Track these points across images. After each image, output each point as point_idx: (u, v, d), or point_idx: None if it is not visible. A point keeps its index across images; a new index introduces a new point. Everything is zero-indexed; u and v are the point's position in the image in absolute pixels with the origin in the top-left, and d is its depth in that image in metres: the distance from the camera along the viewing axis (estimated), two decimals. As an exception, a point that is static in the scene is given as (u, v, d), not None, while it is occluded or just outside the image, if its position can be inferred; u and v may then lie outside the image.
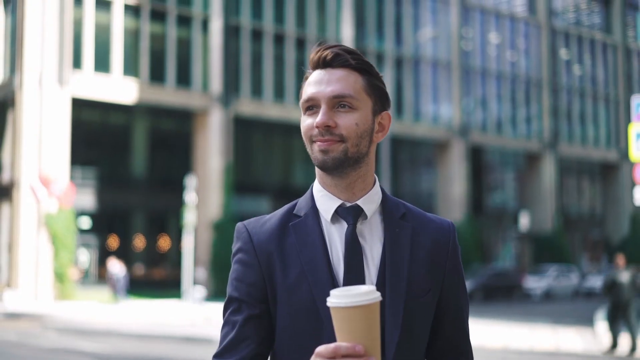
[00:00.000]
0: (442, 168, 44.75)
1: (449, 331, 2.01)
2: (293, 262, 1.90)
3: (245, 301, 1.90)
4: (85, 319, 24.19)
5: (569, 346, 16.33)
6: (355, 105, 1.88)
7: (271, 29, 37.67)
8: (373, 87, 1.93)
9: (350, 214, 1.91)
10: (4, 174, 32.89)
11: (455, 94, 44.71)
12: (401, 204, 2.01)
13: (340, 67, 1.90)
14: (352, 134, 1.87)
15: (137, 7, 34.08)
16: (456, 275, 2.01)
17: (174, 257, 35.81)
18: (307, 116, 1.92)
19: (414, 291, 1.90)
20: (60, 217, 30.55)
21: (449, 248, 1.99)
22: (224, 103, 35.55)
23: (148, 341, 17.99)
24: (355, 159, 1.90)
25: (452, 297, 1.99)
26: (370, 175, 1.97)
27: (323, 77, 1.90)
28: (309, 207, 1.97)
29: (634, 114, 15.48)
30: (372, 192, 1.96)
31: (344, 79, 1.89)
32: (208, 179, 34.96)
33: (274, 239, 1.93)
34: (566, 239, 49.76)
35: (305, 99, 1.91)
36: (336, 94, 1.87)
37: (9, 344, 16.84)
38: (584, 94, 52.86)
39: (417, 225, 1.98)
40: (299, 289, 1.87)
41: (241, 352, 1.87)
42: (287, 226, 1.95)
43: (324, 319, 1.83)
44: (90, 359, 14.57)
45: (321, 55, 1.91)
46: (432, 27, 44.11)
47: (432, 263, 1.95)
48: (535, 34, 50.07)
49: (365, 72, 1.92)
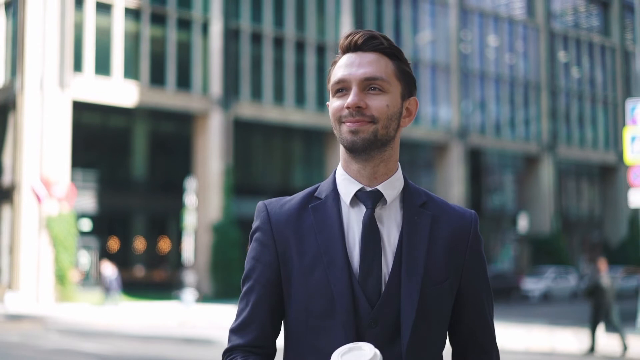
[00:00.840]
0: (441, 170, 44.93)
1: (470, 325, 2.00)
2: (310, 244, 1.92)
3: (259, 281, 1.94)
4: (86, 320, 24.35)
5: (564, 347, 16.51)
6: (385, 88, 1.90)
7: (271, 32, 37.87)
8: (402, 72, 1.96)
9: (369, 198, 1.92)
10: (5, 177, 33.04)
11: (454, 97, 44.90)
12: (423, 192, 2.01)
13: (371, 51, 1.92)
14: (383, 116, 1.89)
15: (137, 10, 34.26)
16: (477, 266, 2.00)
17: (174, 259, 35.97)
18: (337, 98, 1.94)
19: (431, 278, 1.90)
20: (61, 219, 30.70)
21: (470, 238, 1.99)
22: (223, 106, 35.73)
23: (149, 342, 18.15)
24: (384, 141, 1.91)
25: (472, 288, 1.98)
26: (393, 161, 1.97)
27: (354, 60, 1.92)
28: (330, 190, 1.98)
29: (629, 118, 15.68)
30: (393, 177, 1.96)
31: (375, 62, 1.91)
32: (208, 181, 35.13)
33: (292, 220, 1.95)
34: (565, 241, 49.92)
35: (335, 80, 1.93)
36: (368, 76, 1.89)
37: (11, 345, 16.99)
38: (582, 96, 53.04)
39: (438, 213, 1.98)
40: (314, 270, 1.89)
41: (252, 332, 1.93)
42: (306, 207, 1.97)
43: (336, 300, 1.86)
44: (92, 359, 14.72)
45: (352, 39, 1.93)
46: (431, 30, 44.32)
47: (451, 252, 1.95)
48: (533, 36, 50.25)
49: (395, 57, 1.95)
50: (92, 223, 34.33)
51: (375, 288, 1.88)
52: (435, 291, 1.90)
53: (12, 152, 32.49)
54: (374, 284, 1.89)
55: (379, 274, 1.89)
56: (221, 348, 16.24)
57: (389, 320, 1.87)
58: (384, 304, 1.88)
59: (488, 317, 2.02)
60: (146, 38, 34.42)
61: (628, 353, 15.20)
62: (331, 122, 1.94)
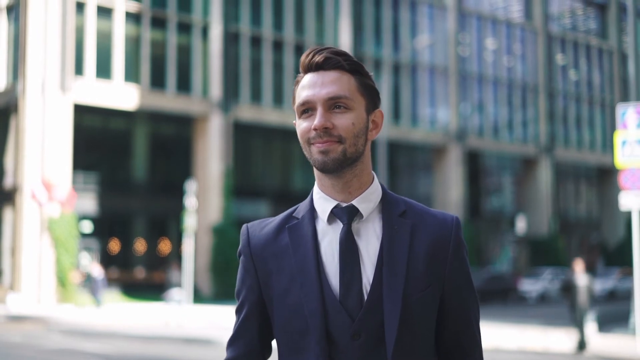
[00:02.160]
0: (439, 172, 45.17)
1: (454, 330, 2.00)
2: (286, 265, 1.96)
3: (247, 299, 2.02)
4: (88, 321, 24.58)
5: (557, 347, 16.79)
6: (350, 105, 1.92)
7: (270, 35, 38.14)
8: (365, 87, 1.97)
9: (345, 214, 1.94)
10: (7, 179, 33.28)
11: (452, 99, 45.15)
12: (402, 201, 2.02)
13: (333, 69, 1.93)
14: (349, 134, 1.90)
15: (138, 14, 34.53)
16: (460, 272, 2.00)
17: (174, 260, 36.16)
18: (303, 120, 1.95)
19: (413, 287, 1.91)
20: (62, 221, 30.89)
21: (451, 244, 1.98)
22: (223, 108, 36.00)
23: (151, 342, 18.34)
24: (354, 158, 1.93)
25: (455, 294, 1.99)
26: (366, 174, 1.99)
27: (317, 79, 1.93)
28: (307, 209, 2.01)
29: (620, 122, 15.98)
30: (368, 191, 1.98)
31: (338, 80, 1.92)
32: (208, 183, 35.38)
33: (270, 242, 1.99)
34: (563, 242, 50.14)
35: (300, 102, 1.94)
36: (332, 95, 1.90)
37: (13, 345, 17.17)
38: (579, 98, 53.29)
39: (418, 221, 1.98)
40: (290, 292, 1.94)
41: (237, 349, 2.02)
42: (284, 228, 2.00)
43: (309, 319, 1.90)
44: (95, 359, 14.96)
45: (312, 59, 1.94)
46: (429, 33, 44.59)
47: (432, 259, 1.95)
48: (531, 39, 50.52)
49: (357, 73, 1.96)
50: (93, 225, 34.56)
51: (357, 302, 1.90)
52: (418, 299, 1.91)
53: (13, 155, 32.72)
54: (355, 297, 1.90)
55: (359, 287, 1.91)
56: (220, 348, 16.52)
57: (372, 331, 1.89)
58: (366, 316, 1.90)
59: (472, 322, 2.03)
60: (146, 41, 34.69)
61: (585, 352, 15.78)
62: (301, 143, 1.97)
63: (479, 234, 46.07)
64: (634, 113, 15.84)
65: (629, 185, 15.68)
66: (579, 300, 16.13)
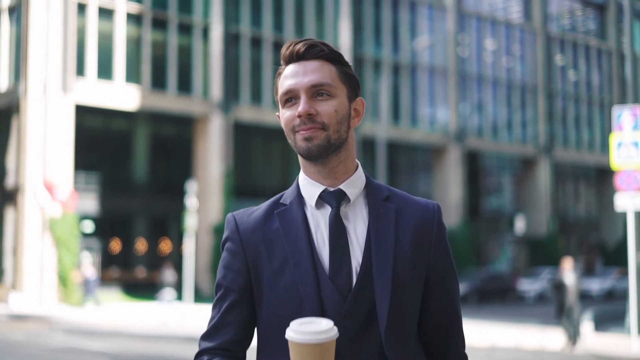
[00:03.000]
0: (438, 173, 45.36)
1: (437, 311, 2.05)
2: (278, 249, 1.98)
3: (230, 288, 2.01)
4: (89, 320, 24.78)
5: (553, 345, 17.00)
6: (332, 92, 1.97)
7: (270, 36, 38.34)
8: (346, 75, 2.01)
9: (333, 198, 1.99)
10: (9, 179, 33.47)
11: (451, 100, 45.34)
12: (385, 187, 2.07)
13: (314, 58, 1.98)
14: (332, 121, 1.95)
15: (139, 15, 34.73)
16: (443, 254, 2.06)
17: (175, 260, 36.34)
18: (287, 109, 2.00)
19: (400, 267, 1.96)
20: (63, 221, 31.05)
21: (434, 227, 2.05)
22: (224, 109, 36.20)
23: (153, 341, 18.51)
24: (338, 144, 1.97)
25: (439, 276, 2.04)
26: (351, 160, 2.04)
27: (299, 69, 1.97)
28: (294, 195, 2.04)
29: (615, 124, 16.19)
30: (354, 176, 2.03)
31: (319, 68, 1.97)
32: (208, 183, 35.57)
33: (259, 227, 2.01)
34: (562, 242, 50.33)
35: (284, 91, 1.99)
36: (314, 83, 1.95)
37: (17, 344, 17.35)
38: (579, 99, 53.48)
39: (402, 206, 2.04)
40: (283, 273, 1.96)
41: (222, 336, 2.00)
42: (272, 214, 2.03)
43: (304, 300, 1.93)
44: (99, 357, 15.12)
45: (293, 49, 1.99)
46: (428, 34, 44.77)
47: (417, 241, 2.01)
48: (530, 40, 50.72)
49: (337, 62, 2.01)
50: (95, 225, 34.75)
51: (347, 282, 1.94)
52: (406, 279, 1.96)
53: (15, 155, 32.88)
54: (345, 278, 1.94)
55: (349, 268, 1.95)
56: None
57: (362, 311, 1.93)
58: (357, 296, 1.93)
59: (455, 303, 2.09)
60: (147, 42, 34.89)
61: (574, 350, 16.17)
62: (285, 132, 2.02)
63: (479, 233, 46.27)
64: (629, 115, 16.06)
65: (624, 186, 15.89)
66: (568, 298, 16.54)
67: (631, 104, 17.74)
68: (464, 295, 34.58)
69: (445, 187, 44.70)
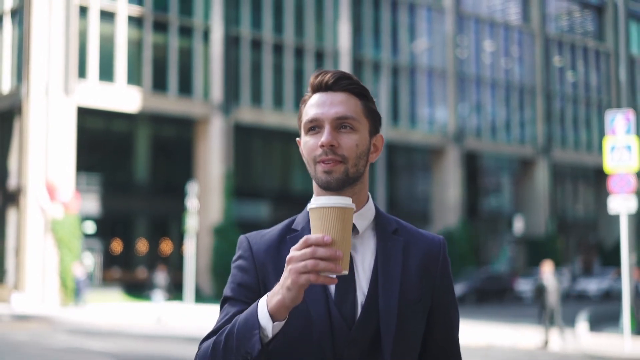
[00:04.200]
0: (437, 173, 45.61)
1: (439, 341, 2.09)
2: None
3: (239, 299, 2.01)
4: (92, 320, 25.01)
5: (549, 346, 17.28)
6: (356, 126, 1.98)
7: (270, 38, 38.61)
8: (370, 111, 2.04)
9: None
10: (11, 181, 33.69)
11: (450, 101, 45.59)
12: (393, 220, 2.10)
13: (341, 90, 2.00)
14: (352, 155, 1.97)
15: (140, 18, 35.00)
16: (447, 287, 2.10)
17: (175, 260, 36.62)
18: (310, 136, 2.01)
19: (406, 299, 1.98)
20: (65, 222, 31.27)
21: (439, 261, 2.08)
22: (224, 111, 36.46)
23: (156, 341, 18.70)
24: (355, 178, 1.99)
25: (442, 307, 2.08)
26: (364, 194, 2.05)
27: (326, 99, 1.99)
28: (305, 221, 2.05)
29: (608, 128, 16.48)
30: (364, 208, 2.04)
31: (346, 101, 1.99)
32: (209, 184, 35.82)
33: (271, 250, 2.03)
34: (560, 242, 50.57)
35: (308, 119, 2.00)
36: (340, 115, 1.97)
37: (21, 344, 17.51)
38: (577, 100, 53.72)
39: (409, 239, 2.07)
40: None
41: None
42: (284, 239, 2.04)
43: (314, 322, 1.94)
44: (102, 357, 15.34)
45: (322, 79, 2.01)
46: (427, 35, 45.04)
47: (423, 273, 2.03)
48: (529, 41, 50.98)
49: (363, 97, 2.03)
50: (96, 225, 34.98)
51: (351, 311, 1.96)
52: (411, 311, 1.99)
53: (17, 156, 33.11)
54: (350, 307, 1.96)
55: (354, 298, 1.97)
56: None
57: (366, 340, 1.95)
58: (362, 325, 1.96)
59: (455, 333, 2.13)
60: (149, 45, 35.16)
61: (566, 347, 16.74)
62: (305, 159, 2.03)
63: (477, 234, 46.50)
64: (622, 119, 16.35)
65: (617, 189, 16.19)
66: (549, 300, 17.13)
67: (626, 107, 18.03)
68: (462, 296, 34.87)
69: (444, 188, 44.95)
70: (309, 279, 1.74)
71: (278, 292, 1.80)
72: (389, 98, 41.91)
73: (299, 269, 1.75)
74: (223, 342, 1.89)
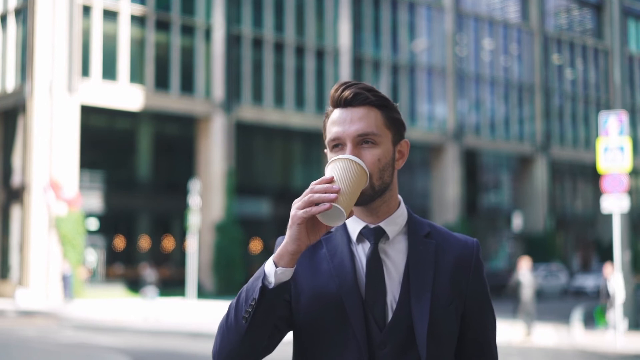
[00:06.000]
0: (436, 170, 45.92)
1: (474, 346, 2.09)
2: (324, 268, 2.03)
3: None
4: (96, 316, 25.29)
5: (543, 341, 17.68)
6: (377, 140, 2.00)
7: (271, 37, 38.92)
8: (391, 120, 2.05)
9: (372, 235, 2.03)
10: (15, 178, 34.01)
11: (449, 99, 45.89)
12: (426, 224, 2.10)
13: (361, 105, 2.00)
14: (375, 169, 1.98)
15: (142, 17, 35.30)
16: (480, 290, 2.10)
17: (178, 257, 36.92)
18: (334, 154, 2.02)
19: (438, 301, 1.99)
20: (69, 219, 31.58)
21: (472, 264, 2.08)
22: (226, 109, 36.77)
23: (161, 337, 18.97)
24: (382, 190, 2.01)
25: (476, 311, 2.09)
26: (394, 200, 2.08)
27: (346, 116, 2.00)
28: (339, 227, 2.08)
29: (602, 129, 16.88)
30: (395, 214, 2.07)
31: (366, 117, 1.99)
32: (211, 182, 36.12)
33: (308, 249, 2.05)
34: (559, 239, 50.88)
35: (331, 137, 2.01)
36: (360, 132, 1.98)
37: (28, 339, 17.79)
38: (575, 98, 54.02)
39: (441, 242, 2.07)
40: (327, 287, 2.00)
41: None
42: (320, 240, 2.07)
43: (349, 314, 1.96)
44: (109, 352, 15.60)
45: (341, 95, 2.01)
46: (427, 34, 45.33)
47: (455, 276, 2.04)
48: (528, 39, 51.26)
49: (384, 107, 2.04)
50: (99, 222, 35.21)
51: (382, 315, 1.98)
52: (443, 313, 2.00)
53: (21, 154, 33.42)
54: (381, 310, 1.99)
55: (384, 301, 1.99)
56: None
57: (398, 342, 1.97)
58: (394, 327, 1.98)
59: (490, 335, 2.12)
60: (151, 44, 35.47)
61: (526, 341, 17.53)
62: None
63: (476, 230, 46.75)
64: (615, 121, 16.74)
65: (610, 189, 16.58)
66: (524, 296, 17.97)
67: (620, 108, 18.42)
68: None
69: (443, 185, 45.27)
70: (306, 211, 1.83)
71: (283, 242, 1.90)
72: (388, 96, 41.72)
73: (298, 206, 1.86)
74: (236, 298, 1.95)
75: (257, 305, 1.88)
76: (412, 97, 44.52)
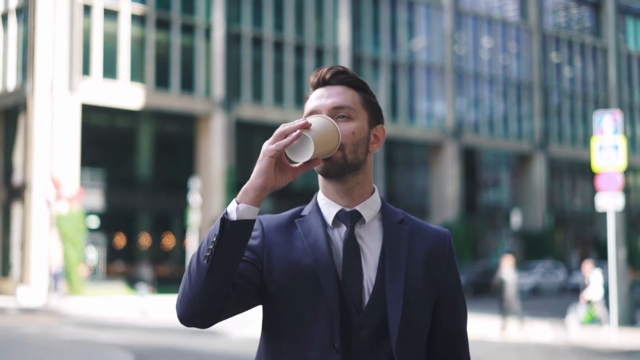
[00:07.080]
0: (435, 168, 46.10)
1: (446, 332, 2.12)
2: (298, 244, 2.04)
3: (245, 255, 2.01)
4: (97, 313, 25.44)
5: (539, 337, 17.89)
6: (352, 115, 2.03)
7: (271, 36, 39.09)
8: (368, 102, 2.08)
9: (349, 218, 2.04)
10: (17, 176, 34.17)
11: (448, 97, 46.06)
12: (399, 212, 2.13)
13: (338, 84, 2.07)
14: (348, 142, 2.01)
15: (143, 16, 35.47)
16: (453, 277, 2.13)
17: (178, 255, 37.10)
18: None
19: (412, 286, 2.02)
20: (70, 217, 31.75)
21: (445, 252, 2.11)
22: (226, 107, 36.94)
23: (161, 334, 19.09)
24: (355, 165, 2.03)
25: (448, 298, 2.11)
26: (368, 184, 2.09)
27: (324, 93, 2.06)
28: (312, 208, 2.11)
29: (597, 128, 17.08)
30: (370, 199, 2.08)
31: (343, 93, 2.05)
32: (211, 180, 36.29)
33: (281, 228, 2.07)
34: (557, 236, 51.04)
35: (308, 111, 2.06)
36: (336, 104, 2.03)
37: (30, 336, 17.92)
38: (574, 96, 54.19)
39: (415, 229, 2.11)
40: (302, 261, 2.00)
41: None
42: (293, 222, 2.09)
43: (325, 289, 1.97)
44: (111, 349, 15.76)
45: (321, 75, 2.08)
46: (426, 32, 45.50)
47: (428, 263, 2.07)
48: (526, 38, 51.41)
49: (361, 89, 2.09)
50: (100, 220, 35.42)
51: (358, 297, 2.00)
52: (417, 298, 2.02)
53: (23, 152, 33.59)
54: (358, 292, 2.00)
55: (360, 284, 2.01)
56: (225, 339, 17.53)
57: (374, 324, 1.99)
58: (370, 309, 1.99)
59: (462, 324, 2.16)
60: (151, 43, 35.64)
61: (522, 333, 18.05)
62: None
63: (475, 228, 46.94)
64: (610, 120, 16.94)
65: (605, 187, 16.79)
66: (507, 293, 18.53)
67: (615, 106, 18.62)
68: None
69: (442, 183, 45.44)
70: (277, 144, 1.90)
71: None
72: (388, 94, 42.47)
73: (269, 141, 1.94)
74: (199, 245, 1.93)
75: (217, 241, 1.85)
76: (411, 95, 44.70)
